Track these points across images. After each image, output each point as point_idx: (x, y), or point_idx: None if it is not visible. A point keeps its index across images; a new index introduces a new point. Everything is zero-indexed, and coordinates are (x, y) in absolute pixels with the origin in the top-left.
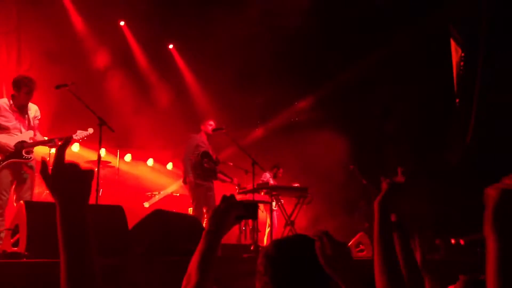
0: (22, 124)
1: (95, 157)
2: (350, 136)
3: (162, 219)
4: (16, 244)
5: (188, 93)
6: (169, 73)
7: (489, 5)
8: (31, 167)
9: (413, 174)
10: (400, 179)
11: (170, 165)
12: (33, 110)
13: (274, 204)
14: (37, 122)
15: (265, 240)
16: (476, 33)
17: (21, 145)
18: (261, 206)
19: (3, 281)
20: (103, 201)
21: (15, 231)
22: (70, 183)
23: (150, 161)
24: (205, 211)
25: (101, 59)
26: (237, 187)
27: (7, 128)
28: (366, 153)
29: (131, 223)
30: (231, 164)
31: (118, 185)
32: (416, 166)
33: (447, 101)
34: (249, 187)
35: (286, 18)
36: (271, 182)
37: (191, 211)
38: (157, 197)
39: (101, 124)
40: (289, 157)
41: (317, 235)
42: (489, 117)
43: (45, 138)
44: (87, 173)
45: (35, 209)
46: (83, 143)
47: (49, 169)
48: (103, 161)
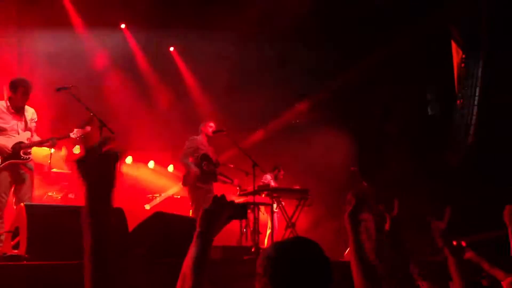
0: (19, 126)
1: None
2: (350, 137)
3: (162, 221)
4: (16, 246)
5: (188, 95)
6: (170, 75)
7: (489, 5)
8: (30, 167)
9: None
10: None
11: (171, 167)
12: (30, 112)
13: (275, 206)
14: (34, 124)
15: (266, 242)
16: (476, 34)
17: (19, 146)
18: (262, 208)
19: (4, 283)
20: None
21: (16, 233)
22: (100, 170)
23: (151, 163)
24: None
25: (102, 62)
26: (238, 188)
27: (5, 129)
28: (366, 154)
29: (132, 225)
30: (231, 166)
31: (118, 187)
32: (416, 166)
33: (448, 101)
34: (250, 189)
35: (286, 19)
36: (272, 184)
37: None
38: (158, 199)
39: (101, 126)
40: (290, 159)
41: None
42: (490, 118)
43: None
44: (112, 155)
45: (35, 212)
46: (81, 145)
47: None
48: None
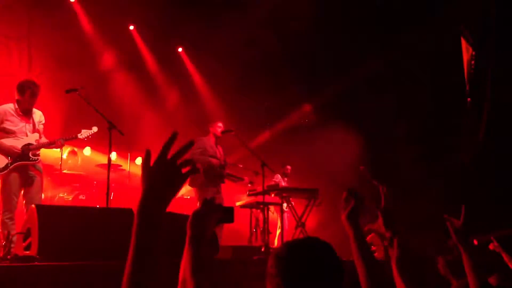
0: (27, 128)
1: (105, 160)
2: (360, 136)
3: (172, 222)
4: (28, 247)
5: (197, 96)
6: (178, 76)
7: (499, 3)
8: (39, 169)
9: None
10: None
11: None
12: (38, 115)
13: (284, 205)
14: (41, 126)
15: (276, 241)
16: (487, 32)
17: (27, 148)
18: (272, 208)
19: (16, 284)
20: (114, 204)
21: (27, 234)
22: (165, 179)
23: None
24: None
25: (111, 63)
26: (249, 185)
27: (13, 132)
28: (376, 154)
29: None
30: (241, 166)
31: (128, 188)
32: (428, 165)
33: (459, 100)
34: (259, 189)
35: (294, 19)
36: (283, 183)
37: None
38: None
39: (111, 127)
40: (299, 158)
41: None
42: (501, 116)
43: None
44: (182, 177)
45: (46, 213)
46: (94, 147)
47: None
48: (113, 164)
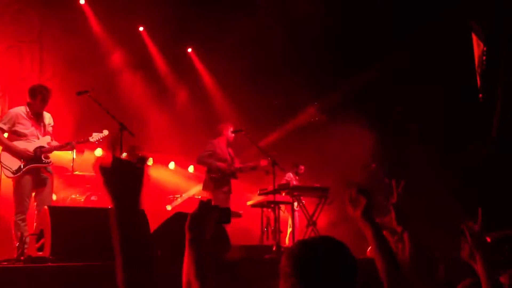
0: (38, 131)
1: None
2: (372, 135)
3: (184, 222)
4: (41, 248)
5: (207, 96)
6: (188, 76)
7: None
8: (50, 171)
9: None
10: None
11: (191, 168)
12: (47, 117)
13: (296, 204)
14: (50, 129)
15: (287, 240)
16: (498, 27)
17: (40, 151)
18: (283, 206)
19: (30, 285)
20: None
21: (40, 236)
22: (124, 178)
23: (171, 165)
24: None
25: (121, 65)
26: (270, 166)
27: (25, 135)
28: (388, 152)
29: (154, 226)
30: (251, 164)
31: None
32: (441, 162)
33: (471, 96)
34: (270, 188)
35: (305, 18)
36: (294, 182)
37: None
38: (179, 200)
39: (121, 129)
40: (309, 157)
41: None
42: None
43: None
44: (139, 171)
45: (59, 214)
46: (105, 149)
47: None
48: None
